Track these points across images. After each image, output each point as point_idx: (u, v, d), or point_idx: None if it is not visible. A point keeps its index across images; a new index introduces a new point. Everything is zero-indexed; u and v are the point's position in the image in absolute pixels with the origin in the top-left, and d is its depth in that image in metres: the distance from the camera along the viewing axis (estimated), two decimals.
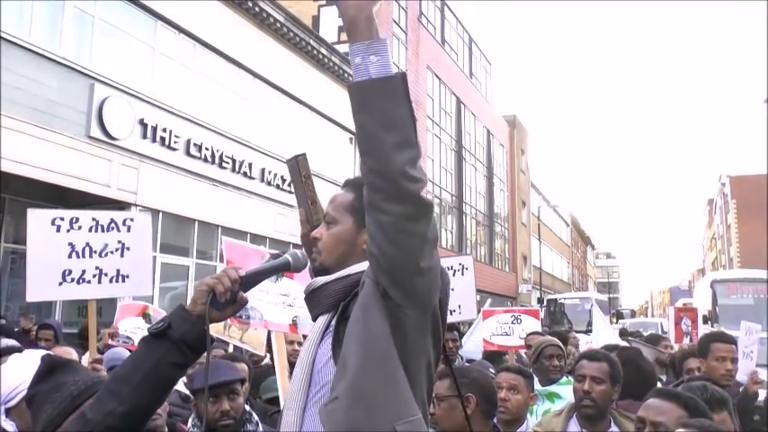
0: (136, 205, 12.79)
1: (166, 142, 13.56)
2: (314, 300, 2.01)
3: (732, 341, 4.72)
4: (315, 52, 18.81)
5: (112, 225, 3.92)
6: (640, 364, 3.96)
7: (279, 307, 3.24)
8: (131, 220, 4.01)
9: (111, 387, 1.72)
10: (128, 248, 3.93)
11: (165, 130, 13.50)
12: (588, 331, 16.75)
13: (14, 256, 12.29)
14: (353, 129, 1.74)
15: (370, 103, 1.68)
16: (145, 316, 5.71)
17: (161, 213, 13.23)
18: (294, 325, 3.51)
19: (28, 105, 10.79)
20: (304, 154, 2.40)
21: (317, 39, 19.05)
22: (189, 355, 1.77)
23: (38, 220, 3.75)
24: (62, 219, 3.80)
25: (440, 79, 30.68)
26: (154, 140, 13.28)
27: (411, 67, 27.01)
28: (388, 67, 1.68)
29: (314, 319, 2.01)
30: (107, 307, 11.89)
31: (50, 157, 11.02)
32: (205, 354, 1.81)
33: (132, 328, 5.59)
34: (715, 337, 4.79)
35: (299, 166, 2.35)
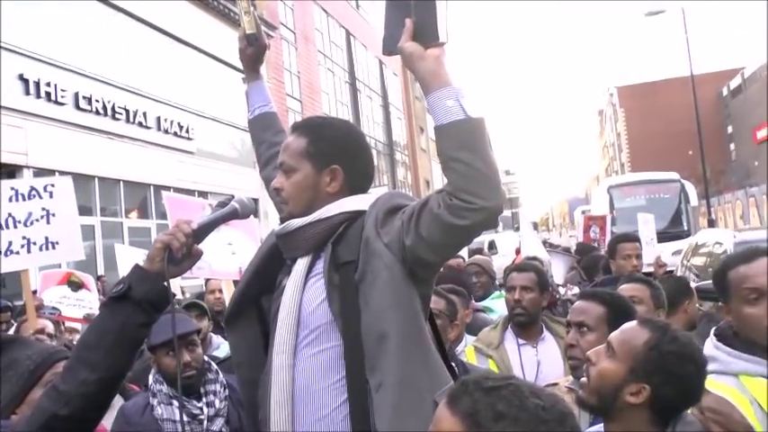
0: (28, 167, 12.16)
1: (52, 97, 12.84)
2: (290, 242, 2.03)
3: (635, 239, 5.10)
4: None
5: (33, 193, 3.78)
6: None
7: (225, 256, 3.24)
8: (52, 185, 3.87)
9: (81, 356, 1.72)
10: (53, 214, 3.80)
11: (48, 85, 12.75)
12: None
13: None
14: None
15: (474, 141, 1.77)
16: (70, 283, 5.50)
17: (56, 173, 12.60)
18: (240, 272, 3.54)
19: None
20: None
21: None
22: (152, 313, 1.78)
23: None
24: None
25: (327, 12, 30.12)
26: (38, 96, 12.55)
27: (296, 2, 26.37)
28: (476, 108, 1.79)
29: (291, 261, 2.04)
30: (11, 278, 11.40)
31: None
32: None
33: (58, 298, 5.38)
34: (620, 238, 5.17)
35: None
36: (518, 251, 7.05)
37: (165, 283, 1.80)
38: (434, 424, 1.18)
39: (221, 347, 4.00)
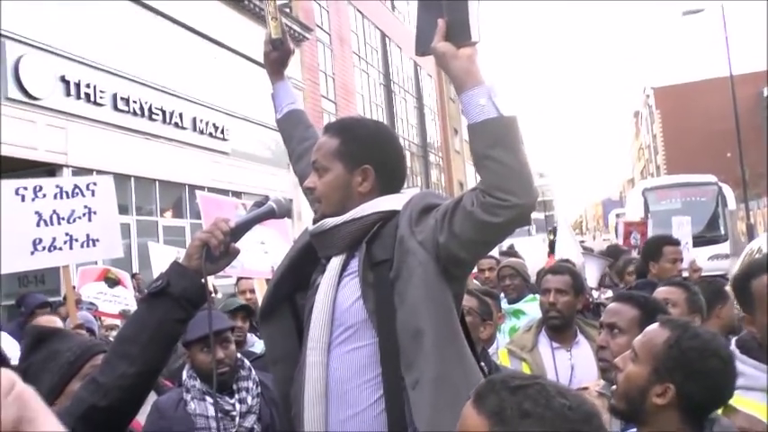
0: (67, 166, 12.40)
1: (92, 98, 13.05)
2: (324, 241, 2.05)
3: (679, 242, 4.98)
4: None
5: (77, 190, 3.87)
6: None
7: (258, 255, 3.28)
8: (94, 184, 3.96)
9: (119, 349, 1.76)
10: (94, 212, 3.89)
11: (88, 86, 12.97)
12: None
13: None
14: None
15: (507, 138, 1.79)
16: (107, 280, 5.62)
17: (94, 172, 12.82)
18: (272, 271, 3.57)
19: None
20: None
21: None
22: (190, 309, 1.82)
23: (1, 191, 3.66)
24: (25, 188, 3.73)
25: (362, 14, 30.18)
26: (78, 97, 12.77)
27: (332, 4, 26.46)
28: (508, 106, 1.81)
29: (325, 260, 2.06)
30: (50, 274, 11.64)
31: None
32: None
33: (95, 294, 5.50)
34: (665, 240, 4.99)
35: None
36: (549, 255, 7.00)
37: (203, 281, 1.84)
38: (461, 422, 1.20)
39: (255, 345, 4.05)
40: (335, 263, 2.01)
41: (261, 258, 3.37)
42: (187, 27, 16.34)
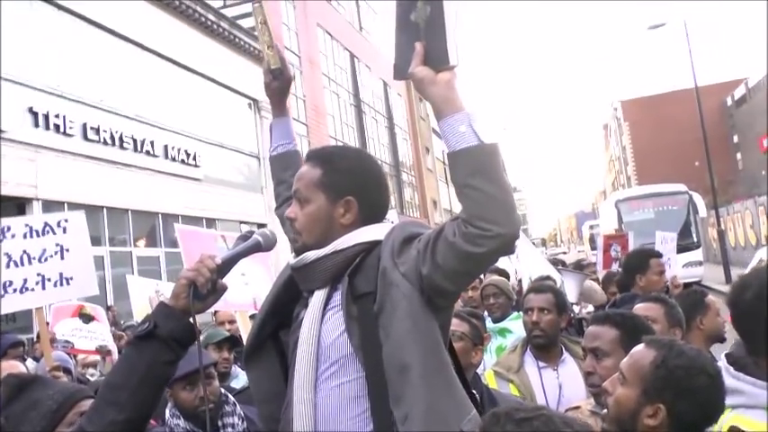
0: (37, 199, 12.23)
1: (61, 129, 12.93)
2: (306, 274, 2.00)
3: (661, 255, 4.98)
4: (203, 19, 18.21)
5: (47, 228, 3.75)
6: None
7: (239, 287, 3.22)
8: (66, 220, 3.84)
9: (108, 396, 1.71)
10: (67, 250, 3.77)
11: (57, 117, 12.85)
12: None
13: None
14: (251, 94, 1.73)
15: (487, 166, 1.75)
16: (82, 316, 5.49)
17: (66, 204, 12.66)
18: (254, 303, 3.51)
19: None
20: (259, 0, 2.46)
21: (204, 5, 18.43)
22: (178, 350, 1.78)
23: None
24: None
25: (331, 35, 30.38)
26: (47, 128, 12.64)
27: (301, 27, 26.60)
28: (488, 133, 1.78)
29: (308, 293, 2.02)
30: (22, 311, 11.36)
31: None
32: None
33: (70, 331, 5.37)
34: (651, 252, 4.94)
35: (254, 13, 2.45)
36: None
37: (191, 320, 1.79)
38: None
39: (239, 377, 3.97)
40: (318, 297, 1.96)
41: (242, 291, 3.31)
42: (156, 53, 16.28)
